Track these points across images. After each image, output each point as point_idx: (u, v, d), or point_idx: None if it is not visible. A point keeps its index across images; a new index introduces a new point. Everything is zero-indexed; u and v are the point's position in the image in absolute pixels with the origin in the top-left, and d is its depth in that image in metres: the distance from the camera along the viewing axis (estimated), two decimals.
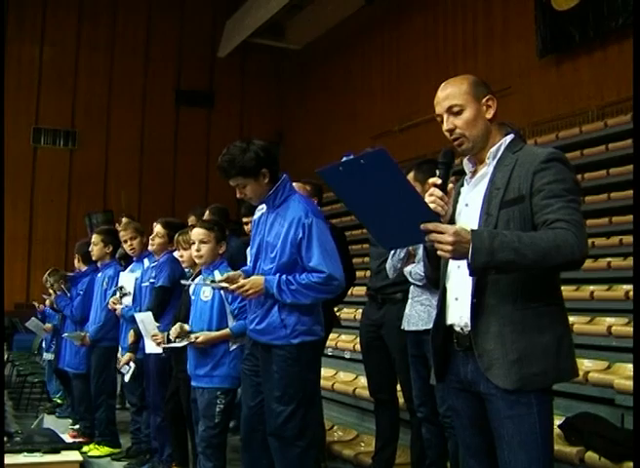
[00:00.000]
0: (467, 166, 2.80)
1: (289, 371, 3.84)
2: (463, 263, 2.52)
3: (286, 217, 3.92)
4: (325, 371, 6.90)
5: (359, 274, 5.80)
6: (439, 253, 2.41)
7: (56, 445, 5.89)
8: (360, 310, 5.51)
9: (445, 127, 2.71)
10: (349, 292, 7.85)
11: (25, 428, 7.39)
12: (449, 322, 2.68)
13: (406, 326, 4.44)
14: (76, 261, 7.31)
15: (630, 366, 4.99)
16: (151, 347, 5.10)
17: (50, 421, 8.09)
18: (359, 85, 15.89)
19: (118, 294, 5.94)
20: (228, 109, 18.57)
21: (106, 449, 6.37)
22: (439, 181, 2.56)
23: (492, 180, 2.65)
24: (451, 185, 2.63)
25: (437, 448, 4.47)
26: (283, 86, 18.93)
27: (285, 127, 18.90)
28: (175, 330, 4.66)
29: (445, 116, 2.70)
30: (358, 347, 5.56)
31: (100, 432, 6.48)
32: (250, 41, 17.01)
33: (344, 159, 2.43)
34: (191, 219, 5.97)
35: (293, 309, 3.87)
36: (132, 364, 5.40)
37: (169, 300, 5.37)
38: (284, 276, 3.83)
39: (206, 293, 4.60)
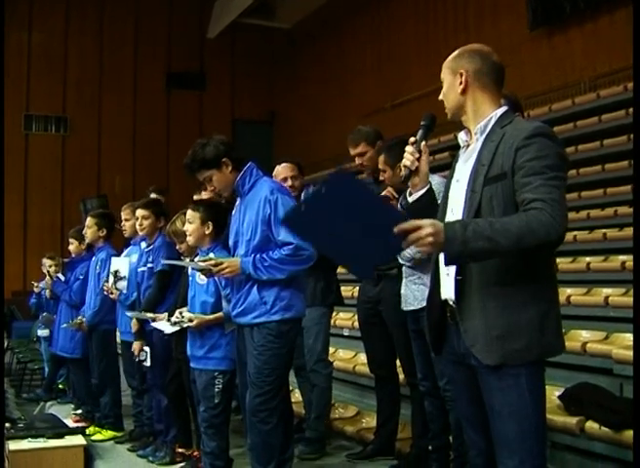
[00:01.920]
0: (462, 138, 2.82)
1: (269, 347, 4.03)
2: None
3: (255, 200, 4.12)
4: None
5: None
6: (420, 249, 2.45)
7: (59, 430, 5.90)
8: (358, 287, 5.52)
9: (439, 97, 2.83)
10: (347, 270, 7.85)
11: (28, 414, 7.40)
12: (443, 297, 2.72)
13: (404, 306, 4.47)
14: (72, 246, 7.28)
15: (627, 335, 5.02)
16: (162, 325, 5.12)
17: (52, 407, 8.11)
18: (350, 63, 15.83)
19: (112, 279, 5.92)
20: (220, 91, 18.49)
21: (110, 433, 6.40)
22: (412, 139, 2.76)
23: (478, 157, 2.67)
24: (423, 143, 2.78)
25: (439, 422, 4.50)
26: (274, 66, 18.84)
27: (277, 106, 18.84)
28: (176, 317, 4.76)
29: None
30: (357, 324, 5.58)
31: (105, 415, 6.51)
32: (239, 21, 16.90)
33: (303, 198, 2.46)
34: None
35: (271, 286, 4.06)
36: (146, 348, 5.41)
37: (169, 284, 5.38)
38: (258, 255, 4.02)
39: (202, 277, 4.63)
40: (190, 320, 4.62)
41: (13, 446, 5.49)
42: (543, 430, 2.64)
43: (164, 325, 4.99)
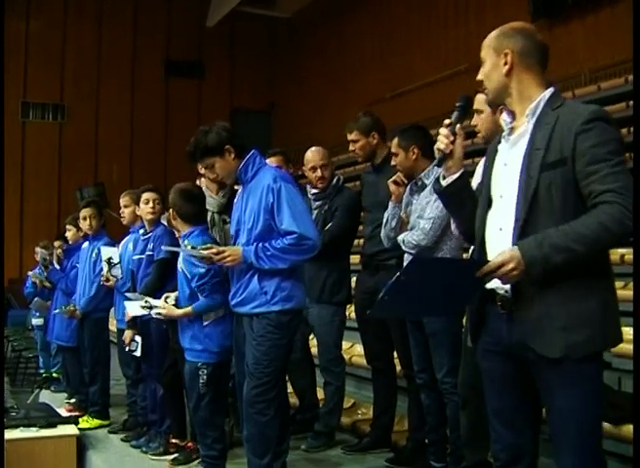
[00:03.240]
0: (505, 121, 2.72)
1: (268, 338, 3.98)
2: (505, 225, 2.56)
3: (258, 188, 4.05)
4: None
5: (354, 242, 5.76)
6: (508, 281, 2.47)
7: (52, 419, 5.86)
8: (355, 279, 5.48)
9: (477, 77, 2.74)
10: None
11: (21, 403, 7.37)
12: (489, 286, 2.58)
13: None
14: (69, 234, 7.22)
15: (627, 329, 4.94)
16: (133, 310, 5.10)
17: (46, 396, 8.08)
18: (351, 52, 15.75)
19: (106, 267, 5.88)
20: (219, 80, 18.42)
21: (96, 421, 6.38)
22: (447, 121, 2.72)
23: (531, 140, 2.57)
24: (458, 126, 2.73)
25: (437, 415, 4.46)
26: (274, 55, 18.76)
27: (276, 96, 18.76)
28: (158, 302, 4.75)
29: None
30: (354, 315, 5.53)
31: (92, 402, 6.49)
32: (239, 10, 16.81)
33: (384, 290, 2.47)
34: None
35: (272, 276, 4.01)
36: (137, 338, 5.37)
37: (169, 272, 5.32)
38: (260, 244, 3.95)
39: (180, 264, 4.65)
40: (163, 309, 4.66)
41: (5, 435, 5.44)
42: (600, 427, 2.59)
43: (133, 307, 4.98)
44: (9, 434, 5.44)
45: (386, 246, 4.64)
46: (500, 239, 2.59)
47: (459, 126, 2.75)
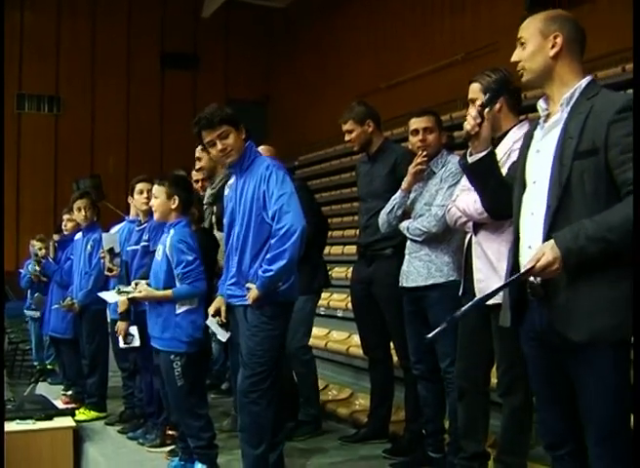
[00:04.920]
0: (541, 107, 2.75)
1: (262, 328, 3.99)
2: (537, 210, 2.60)
3: (254, 177, 4.06)
4: (318, 330, 6.90)
5: (349, 233, 5.76)
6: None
7: (48, 411, 5.86)
8: (351, 268, 5.47)
9: (512, 57, 2.77)
10: (341, 251, 7.81)
11: (18, 395, 7.36)
12: (523, 270, 2.61)
13: (404, 282, 4.39)
14: (70, 225, 7.14)
15: None
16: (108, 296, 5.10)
17: (42, 388, 8.07)
18: (346, 43, 15.68)
19: (108, 258, 5.86)
20: (214, 71, 18.34)
21: (93, 413, 6.37)
22: (479, 102, 2.86)
23: (565, 128, 2.59)
24: (487, 110, 2.83)
25: (434, 406, 4.46)
26: (269, 46, 18.68)
27: (272, 87, 18.69)
28: (129, 287, 4.79)
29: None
30: (350, 305, 5.53)
31: (89, 394, 6.48)
32: (234, 0, 16.73)
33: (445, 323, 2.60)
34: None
35: None
36: (133, 330, 5.35)
37: None
38: (259, 271, 3.95)
39: (159, 253, 4.67)
40: (139, 291, 4.66)
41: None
42: (628, 410, 2.58)
43: (109, 295, 4.98)
44: (5, 426, 5.43)
45: (383, 231, 4.62)
46: (532, 223, 2.64)
47: (487, 110, 2.83)
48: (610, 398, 2.49)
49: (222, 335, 4.32)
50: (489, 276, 3.52)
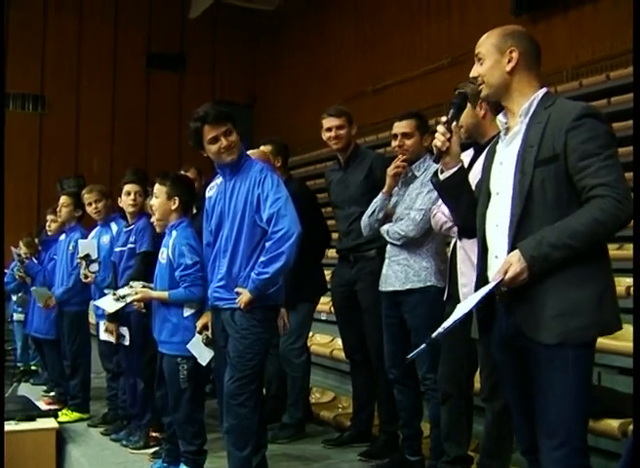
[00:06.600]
0: (501, 121, 2.80)
1: (252, 331, 3.98)
2: (501, 221, 2.65)
3: (246, 180, 4.04)
4: None
5: (333, 236, 5.78)
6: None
7: (31, 412, 5.83)
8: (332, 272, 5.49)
9: (471, 73, 2.81)
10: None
11: None
12: (490, 279, 2.68)
13: (383, 286, 4.41)
14: (54, 225, 7.11)
15: None
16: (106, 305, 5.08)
17: (24, 389, 8.03)
18: (333, 46, 15.71)
19: (84, 264, 5.83)
20: (200, 72, 18.30)
21: (76, 415, 6.35)
22: (443, 119, 2.81)
23: (525, 138, 2.65)
24: (454, 124, 2.83)
25: (410, 410, 4.47)
26: (256, 48, 18.67)
27: (258, 88, 18.68)
28: (125, 290, 4.78)
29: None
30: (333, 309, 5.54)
31: (72, 396, 6.45)
32: (221, 1, 16.72)
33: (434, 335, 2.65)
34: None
35: None
36: (124, 330, 5.33)
37: (152, 265, 5.29)
38: (253, 273, 3.93)
39: (163, 255, 4.62)
40: (136, 293, 4.65)
41: None
42: (586, 413, 2.63)
43: (106, 303, 4.95)
44: None
45: (365, 235, 4.64)
46: (497, 233, 2.68)
47: (454, 124, 2.85)
48: (564, 398, 2.52)
49: (204, 358, 4.34)
50: (473, 280, 3.54)
